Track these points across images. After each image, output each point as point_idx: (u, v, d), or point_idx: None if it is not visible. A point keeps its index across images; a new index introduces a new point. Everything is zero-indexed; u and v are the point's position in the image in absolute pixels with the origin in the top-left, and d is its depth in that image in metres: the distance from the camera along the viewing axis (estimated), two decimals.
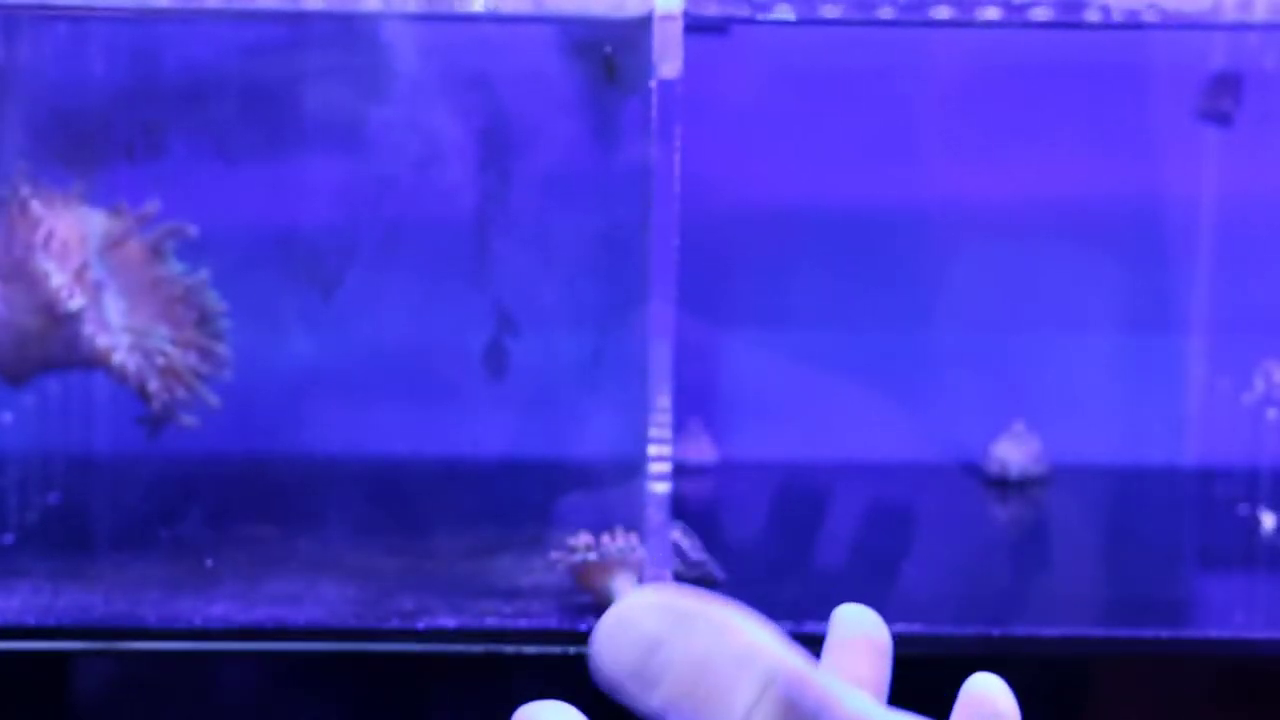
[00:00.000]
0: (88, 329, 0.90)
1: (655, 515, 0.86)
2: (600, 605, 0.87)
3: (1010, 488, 1.11)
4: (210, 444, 1.07)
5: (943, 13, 0.98)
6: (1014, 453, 1.11)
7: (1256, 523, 1.03)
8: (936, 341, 1.14)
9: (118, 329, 0.92)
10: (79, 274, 0.91)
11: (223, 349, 0.96)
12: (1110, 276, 1.14)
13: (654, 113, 0.84)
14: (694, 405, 1.14)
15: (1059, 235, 1.14)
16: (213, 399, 0.94)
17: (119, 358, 0.91)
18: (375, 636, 0.84)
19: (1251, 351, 1.07)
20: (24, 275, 0.90)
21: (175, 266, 0.97)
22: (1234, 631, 0.87)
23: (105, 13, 1.04)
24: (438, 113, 1.05)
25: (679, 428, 1.13)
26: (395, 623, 0.85)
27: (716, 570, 0.91)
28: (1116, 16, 0.97)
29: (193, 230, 0.96)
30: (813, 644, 0.86)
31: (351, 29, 1.01)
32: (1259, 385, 1.06)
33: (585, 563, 0.87)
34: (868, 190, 1.13)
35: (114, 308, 0.93)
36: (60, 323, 0.90)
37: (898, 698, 0.85)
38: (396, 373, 1.12)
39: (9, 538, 0.97)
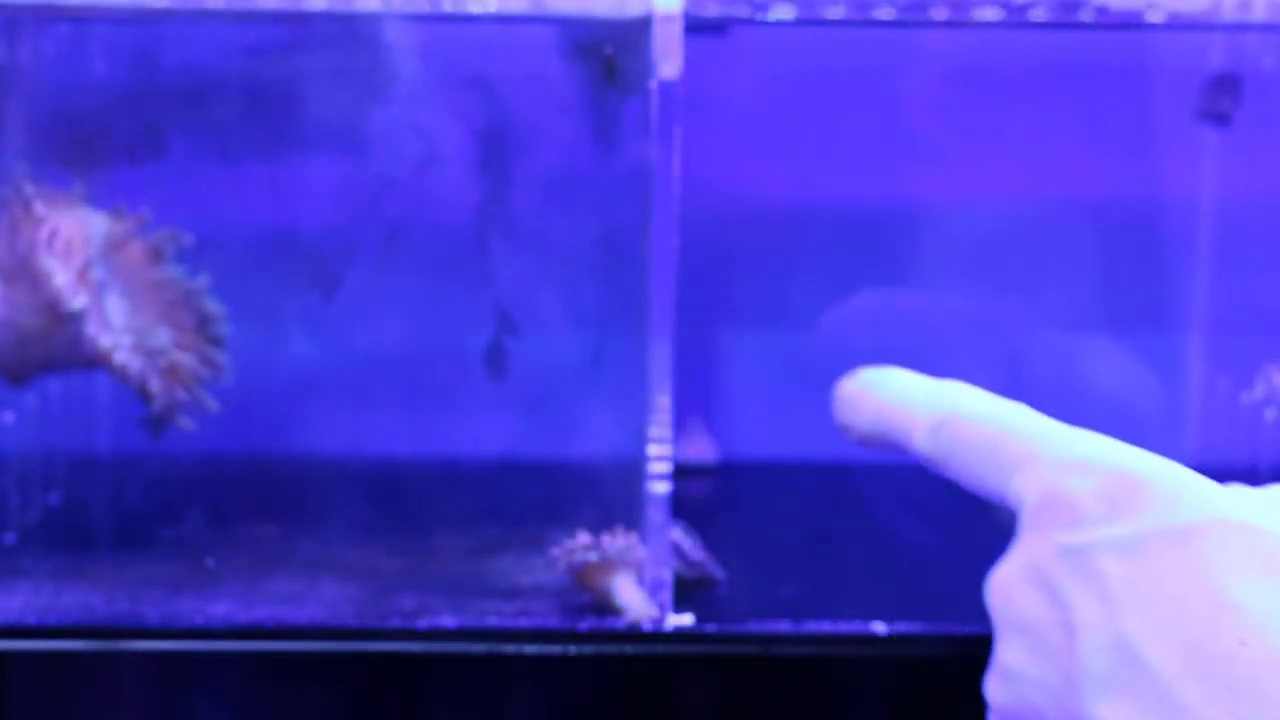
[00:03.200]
0: (90, 329, 0.90)
1: (655, 515, 0.86)
2: (600, 605, 0.87)
3: None
4: (211, 444, 1.07)
5: (942, 13, 0.98)
6: None
7: None
8: (936, 341, 1.14)
9: (120, 329, 0.92)
10: (82, 274, 0.91)
11: (222, 353, 0.96)
12: (1109, 276, 1.14)
13: (654, 113, 0.84)
14: (694, 405, 1.14)
15: (1058, 235, 1.14)
16: (212, 403, 0.94)
17: (121, 358, 0.91)
18: (376, 635, 0.84)
19: (1251, 351, 1.07)
20: (27, 275, 0.90)
21: (175, 269, 0.97)
22: None
23: (106, 13, 1.04)
24: (438, 114, 1.05)
25: (679, 428, 1.13)
26: (396, 622, 0.85)
27: (717, 570, 0.91)
28: (1115, 17, 0.97)
29: (188, 239, 0.96)
30: (813, 644, 0.86)
31: (352, 30, 1.01)
32: (1259, 389, 1.06)
33: (585, 562, 0.87)
34: (868, 190, 1.13)
35: (116, 308, 0.93)
36: (63, 322, 0.90)
37: (899, 697, 0.86)
38: (397, 373, 1.12)
39: (10, 537, 0.97)
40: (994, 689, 0.55)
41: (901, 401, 0.60)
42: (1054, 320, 1.15)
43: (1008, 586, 0.54)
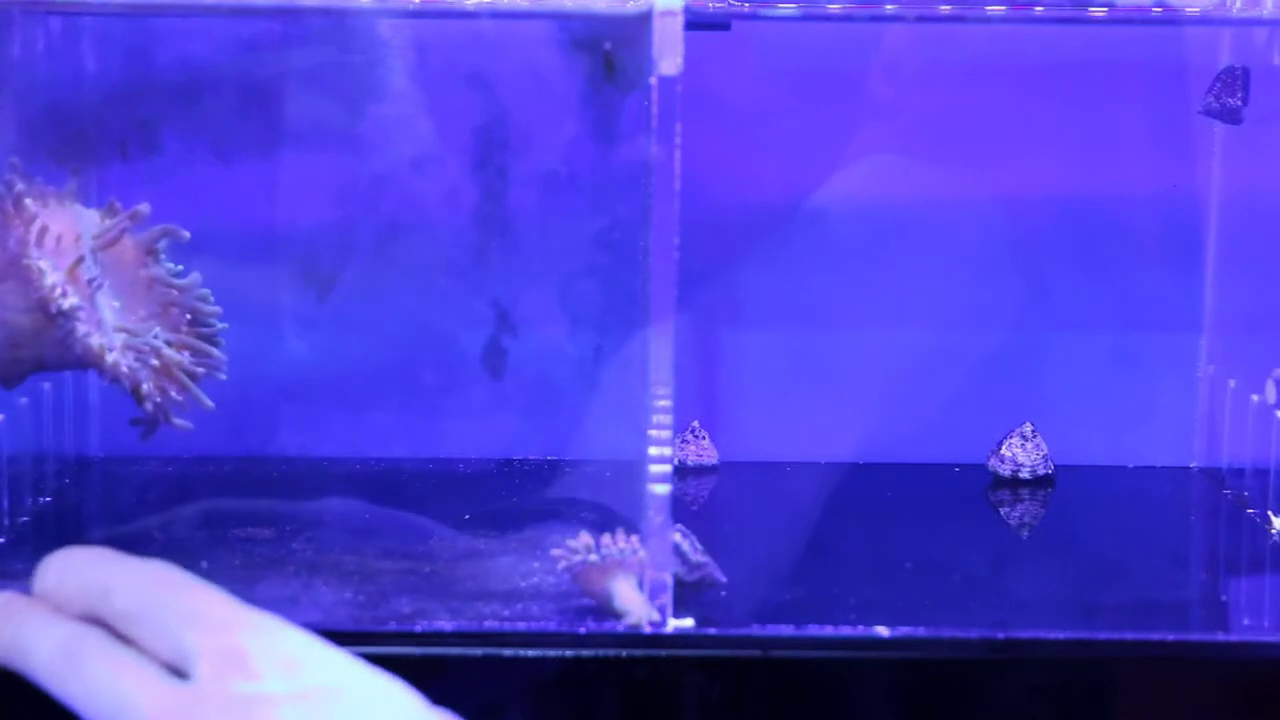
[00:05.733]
0: (81, 328, 0.89)
1: (655, 516, 0.85)
2: (601, 608, 0.86)
3: (1018, 488, 1.10)
4: (205, 445, 1.06)
5: (946, 9, 0.98)
6: (1023, 453, 1.11)
7: (1265, 525, 1.03)
8: (942, 341, 1.14)
9: (111, 328, 0.91)
10: (73, 272, 0.90)
11: (217, 351, 0.95)
12: (1118, 276, 1.13)
13: (654, 110, 0.84)
14: (694, 405, 1.13)
15: (1065, 234, 1.13)
16: (206, 402, 0.94)
17: (112, 358, 0.90)
18: (372, 639, 0.83)
19: (1261, 353, 1.06)
20: (17, 273, 0.89)
21: (169, 267, 0.96)
22: (1242, 635, 0.86)
23: (98, 8, 1.03)
24: (435, 110, 1.05)
25: (679, 428, 1.12)
26: (393, 626, 0.84)
27: (718, 572, 0.91)
28: (1123, 13, 0.96)
29: (185, 234, 0.95)
30: (816, 645, 0.85)
31: (347, 25, 1.01)
32: (1270, 393, 1.05)
33: (585, 565, 0.86)
34: (870, 189, 1.12)
35: (108, 307, 0.92)
36: (54, 321, 0.89)
37: (901, 701, 0.85)
38: (394, 373, 1.11)
39: (1, 540, 0.96)
40: None
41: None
42: (1060, 320, 1.14)
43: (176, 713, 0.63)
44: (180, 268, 0.96)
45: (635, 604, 0.85)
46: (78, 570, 0.69)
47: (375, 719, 0.64)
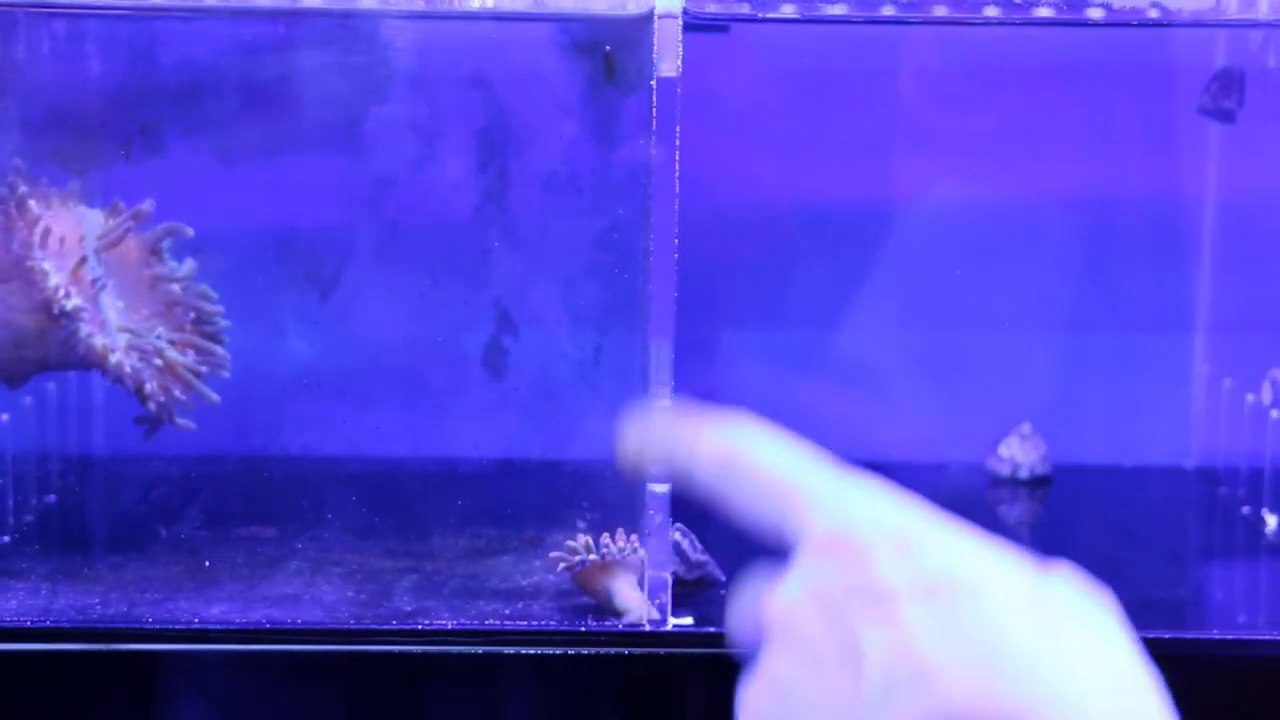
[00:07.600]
0: (85, 329, 0.89)
1: (655, 516, 0.85)
2: (600, 607, 0.86)
3: (1016, 487, 1.10)
4: (208, 444, 1.06)
5: (944, 11, 0.98)
6: (1021, 452, 1.11)
7: (1260, 524, 1.03)
8: (941, 341, 1.14)
9: (115, 329, 0.92)
10: (76, 273, 0.90)
11: (220, 349, 0.95)
12: (1116, 276, 1.14)
13: (654, 112, 0.84)
14: (694, 405, 1.13)
15: (1064, 235, 1.13)
16: (212, 396, 0.94)
17: (116, 358, 0.90)
18: (374, 638, 0.84)
19: (1256, 353, 1.06)
20: (21, 274, 0.89)
21: (172, 266, 0.96)
22: (1237, 633, 0.86)
23: (102, 10, 1.03)
24: (436, 111, 1.05)
25: None
26: (394, 624, 0.84)
27: (717, 572, 0.91)
28: (1119, 15, 0.96)
29: (189, 231, 0.95)
30: None
31: (350, 27, 1.01)
32: (1266, 394, 1.05)
33: (585, 564, 0.86)
34: (869, 189, 1.13)
35: (111, 307, 0.92)
36: (57, 322, 0.89)
37: None
38: (395, 373, 1.11)
39: (6, 539, 0.96)
40: (758, 693, 0.54)
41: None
42: (1058, 320, 1.14)
43: (793, 606, 0.54)
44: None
45: (635, 602, 0.85)
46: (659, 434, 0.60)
47: (1037, 633, 0.49)
